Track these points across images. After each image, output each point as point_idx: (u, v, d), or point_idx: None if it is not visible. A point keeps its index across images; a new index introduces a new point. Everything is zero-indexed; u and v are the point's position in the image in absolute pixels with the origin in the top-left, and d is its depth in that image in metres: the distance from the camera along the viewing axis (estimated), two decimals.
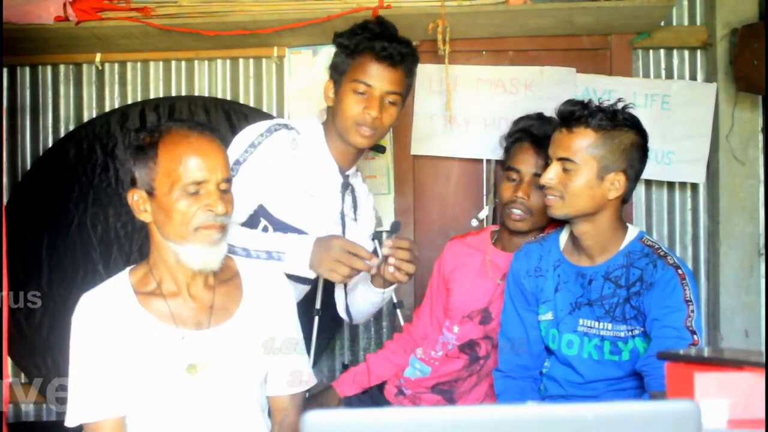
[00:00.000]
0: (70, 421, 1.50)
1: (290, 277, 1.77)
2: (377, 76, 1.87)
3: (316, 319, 2.38)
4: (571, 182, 1.80)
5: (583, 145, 1.80)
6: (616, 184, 1.82)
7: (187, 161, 1.47)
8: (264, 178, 1.85)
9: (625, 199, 1.87)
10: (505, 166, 2.18)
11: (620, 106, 1.85)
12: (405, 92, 1.96)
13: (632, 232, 1.90)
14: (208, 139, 1.52)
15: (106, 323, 1.50)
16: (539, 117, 2.19)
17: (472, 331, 2.17)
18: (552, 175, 1.82)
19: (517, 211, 2.08)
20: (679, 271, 1.79)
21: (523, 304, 2.00)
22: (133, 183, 1.53)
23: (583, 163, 1.80)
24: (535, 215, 2.07)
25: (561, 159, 1.82)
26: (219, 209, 1.48)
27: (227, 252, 1.58)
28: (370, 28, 1.92)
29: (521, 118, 2.24)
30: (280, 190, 1.88)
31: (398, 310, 2.51)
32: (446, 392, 2.20)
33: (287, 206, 1.89)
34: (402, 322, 2.46)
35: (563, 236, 2.00)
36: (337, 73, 1.93)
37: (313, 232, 1.88)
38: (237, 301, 1.60)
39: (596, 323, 1.86)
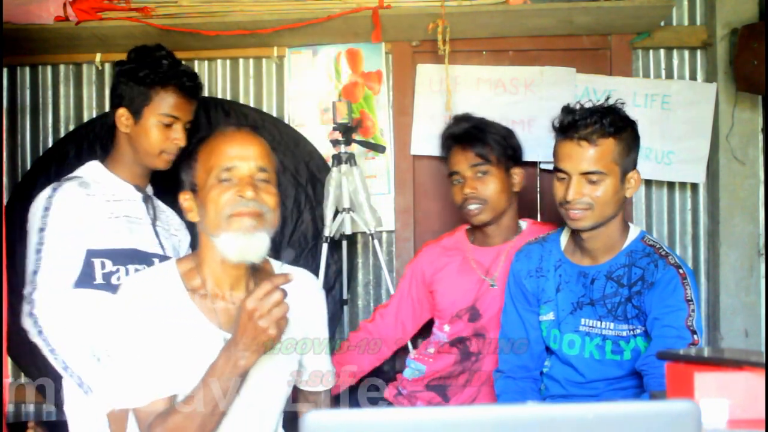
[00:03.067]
0: (120, 404, 1.51)
1: None
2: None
3: (345, 309, 2.46)
4: (598, 192, 1.80)
5: (608, 153, 1.80)
6: (632, 182, 1.85)
7: (220, 151, 1.52)
8: (74, 226, 1.89)
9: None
10: (448, 171, 2.26)
11: (612, 102, 1.86)
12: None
13: (634, 231, 1.90)
14: (245, 132, 1.56)
15: (156, 307, 1.50)
16: (456, 119, 2.30)
17: (463, 330, 2.19)
18: (578, 189, 1.80)
19: (472, 207, 2.14)
20: (680, 271, 1.79)
21: (524, 305, 2.00)
22: (182, 186, 1.58)
23: (609, 171, 1.80)
24: (488, 202, 2.14)
25: (587, 173, 1.80)
26: (248, 194, 1.46)
27: None
28: (158, 55, 2.03)
29: (449, 124, 2.32)
30: (96, 224, 1.92)
31: (344, 307, 2.55)
32: (440, 388, 2.21)
33: (109, 234, 1.93)
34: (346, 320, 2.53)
35: (564, 236, 2.00)
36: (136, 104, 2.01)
37: (139, 246, 1.97)
38: None
39: (598, 323, 1.87)
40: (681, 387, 1.08)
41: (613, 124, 1.80)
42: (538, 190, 2.89)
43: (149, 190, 2.11)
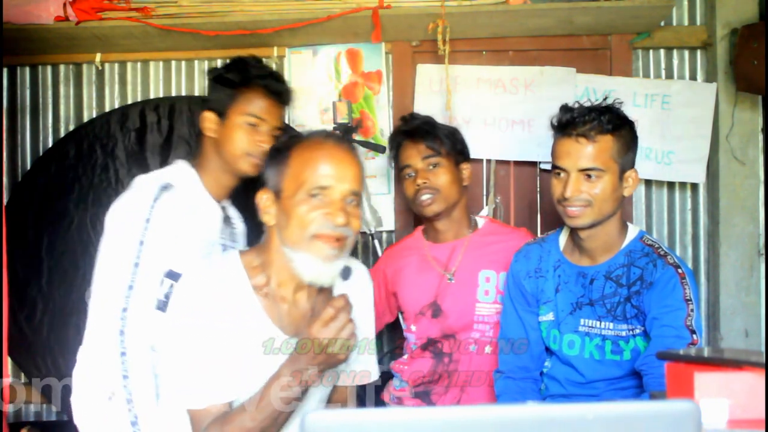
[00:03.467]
0: (176, 406, 1.46)
1: None
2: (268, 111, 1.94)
3: None
4: (596, 189, 1.80)
5: (605, 150, 1.80)
6: (630, 181, 1.86)
7: (316, 165, 1.46)
8: (169, 246, 1.82)
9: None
10: (397, 167, 2.30)
11: (610, 102, 1.87)
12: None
13: (632, 231, 1.91)
14: (344, 150, 1.50)
15: (220, 304, 1.46)
16: (404, 119, 2.34)
17: (429, 329, 2.21)
18: (576, 186, 1.81)
19: (425, 197, 2.17)
20: (679, 271, 1.79)
21: (524, 306, 2.00)
22: (264, 184, 1.53)
23: (607, 168, 1.80)
24: (441, 191, 2.17)
25: (585, 170, 1.80)
26: (339, 220, 1.43)
27: None
28: (253, 65, 2.01)
29: (396, 126, 2.38)
30: (185, 249, 1.85)
31: None
32: (424, 394, 2.22)
33: (185, 256, 1.85)
34: None
35: (563, 237, 2.00)
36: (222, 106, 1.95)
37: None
38: None
39: (598, 323, 1.87)
40: (681, 387, 1.08)
41: (611, 121, 1.80)
42: (538, 190, 2.89)
43: (226, 202, 2.04)
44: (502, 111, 2.81)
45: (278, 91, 1.97)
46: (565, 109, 1.86)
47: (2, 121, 1.99)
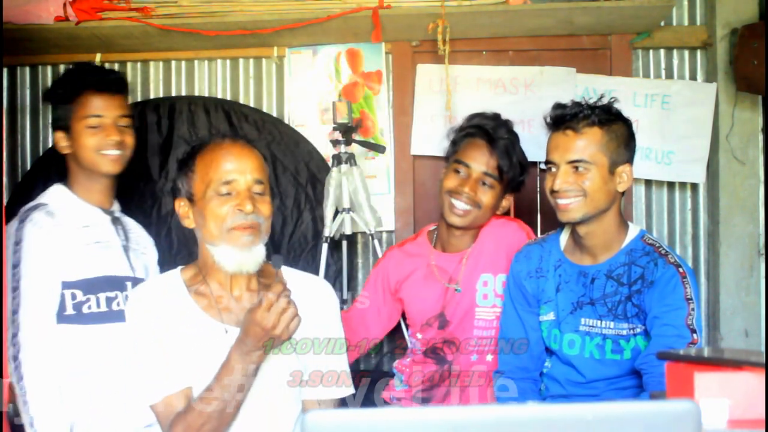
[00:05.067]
0: (139, 403, 1.59)
1: None
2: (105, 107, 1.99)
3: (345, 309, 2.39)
4: (586, 181, 1.82)
5: (593, 142, 1.83)
6: (624, 176, 1.86)
7: (219, 164, 1.58)
8: (47, 259, 1.86)
9: (623, 192, 1.91)
10: (452, 158, 2.19)
11: (605, 101, 1.89)
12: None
13: (633, 230, 1.91)
14: (240, 145, 1.63)
15: (162, 311, 1.59)
16: (495, 117, 2.22)
17: (435, 337, 2.19)
18: (565, 179, 1.83)
19: (460, 204, 2.10)
20: (680, 270, 1.79)
21: (524, 306, 2.00)
22: (178, 193, 1.64)
23: (595, 160, 1.82)
24: (480, 210, 2.10)
25: (572, 162, 1.83)
26: (247, 207, 1.54)
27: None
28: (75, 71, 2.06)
29: (475, 115, 2.25)
30: (67, 255, 1.89)
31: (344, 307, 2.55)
32: (425, 400, 2.20)
33: (81, 264, 1.91)
34: None
35: (563, 237, 2.00)
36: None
37: (111, 272, 1.95)
38: None
39: (598, 322, 1.87)
40: (681, 387, 1.08)
41: (599, 115, 1.83)
42: (538, 190, 2.89)
43: (116, 208, 2.09)
44: (502, 111, 2.78)
45: (103, 83, 1.99)
46: (557, 106, 1.90)
47: (2, 121, 2.01)
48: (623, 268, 1.85)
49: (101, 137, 1.97)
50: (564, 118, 1.85)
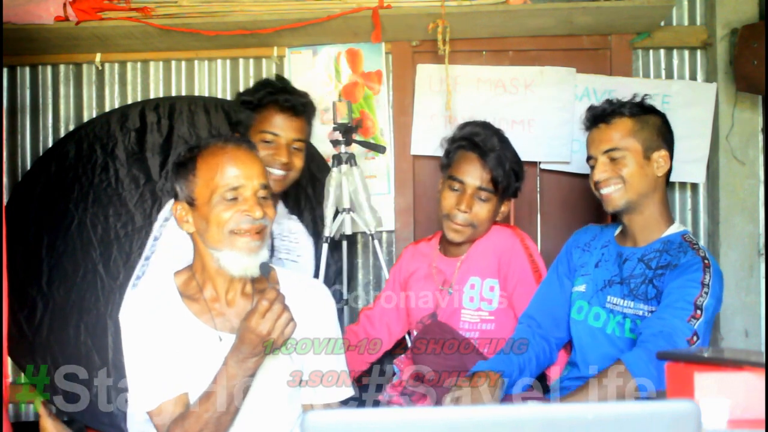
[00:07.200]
0: (136, 410, 1.60)
1: None
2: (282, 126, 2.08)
3: (345, 309, 2.45)
4: (624, 169, 1.92)
5: (624, 131, 1.94)
6: (660, 161, 1.96)
7: (224, 170, 1.56)
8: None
9: (667, 180, 2.00)
10: (446, 173, 2.20)
11: (638, 99, 2.01)
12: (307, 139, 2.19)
13: (676, 227, 1.99)
14: (244, 149, 1.61)
15: (155, 317, 1.58)
16: (485, 126, 2.21)
17: None
18: (603, 168, 1.94)
19: (458, 223, 2.13)
20: (706, 261, 1.85)
21: (565, 270, 2.11)
22: (176, 197, 1.62)
23: (628, 146, 1.92)
24: (477, 227, 2.14)
25: (607, 151, 1.93)
26: (257, 214, 1.54)
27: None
28: (272, 83, 2.16)
29: (466, 124, 2.25)
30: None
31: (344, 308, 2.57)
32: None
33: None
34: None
35: (619, 228, 2.08)
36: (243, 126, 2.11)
37: None
38: None
39: (621, 301, 1.94)
40: (681, 387, 1.08)
41: (629, 107, 1.95)
42: (538, 190, 2.89)
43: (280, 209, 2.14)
44: (502, 111, 2.81)
45: (288, 102, 2.08)
46: (590, 108, 2.02)
47: (2, 121, 2.01)
48: (655, 254, 1.92)
49: (271, 154, 2.05)
50: (597, 116, 1.97)
